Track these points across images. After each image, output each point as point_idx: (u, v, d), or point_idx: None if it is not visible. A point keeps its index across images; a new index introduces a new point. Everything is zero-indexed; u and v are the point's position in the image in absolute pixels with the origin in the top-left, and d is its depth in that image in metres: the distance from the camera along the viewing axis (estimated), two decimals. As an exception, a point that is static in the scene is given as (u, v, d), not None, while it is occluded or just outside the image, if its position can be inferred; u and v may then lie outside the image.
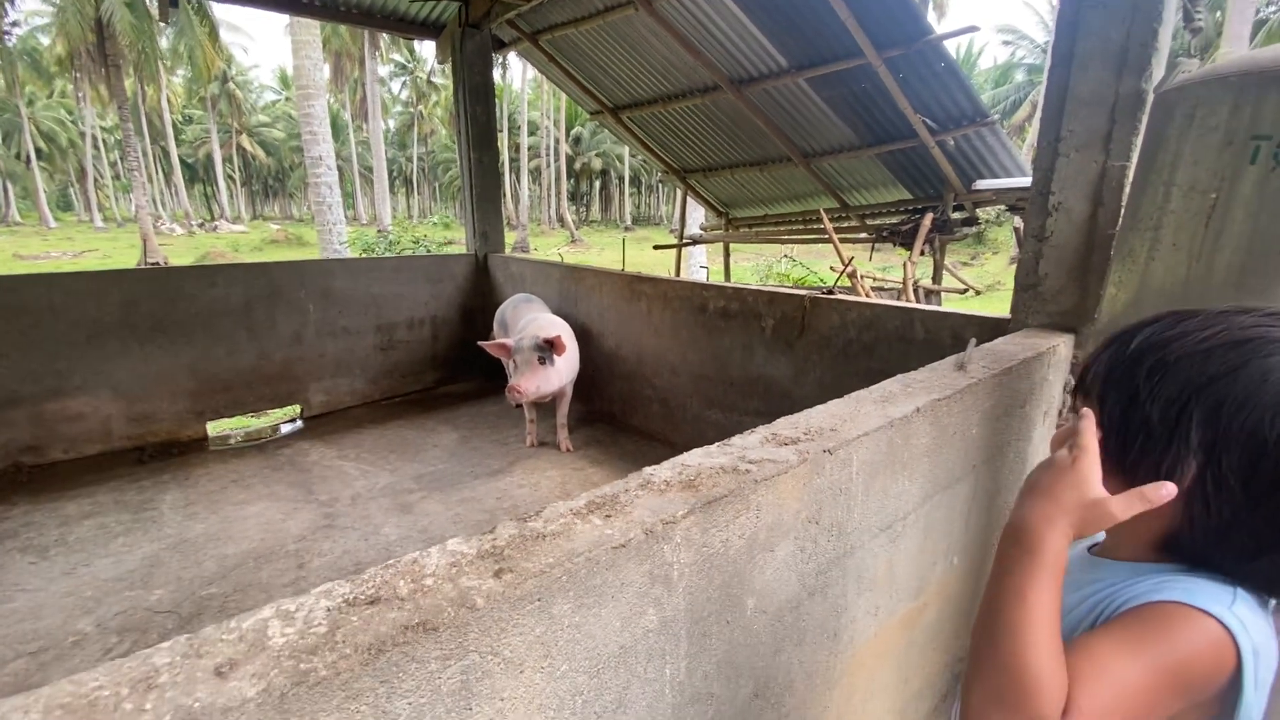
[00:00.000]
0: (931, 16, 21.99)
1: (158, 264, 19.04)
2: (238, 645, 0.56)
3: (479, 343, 3.52)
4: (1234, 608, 0.57)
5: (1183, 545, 0.62)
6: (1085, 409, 0.69)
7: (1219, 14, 16.12)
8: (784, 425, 1.13)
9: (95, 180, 40.85)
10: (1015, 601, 0.58)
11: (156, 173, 43.82)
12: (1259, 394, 0.57)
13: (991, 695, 0.56)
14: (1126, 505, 0.60)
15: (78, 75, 23.93)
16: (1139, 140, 1.69)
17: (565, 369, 3.53)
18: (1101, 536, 0.76)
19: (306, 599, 0.62)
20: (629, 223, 43.95)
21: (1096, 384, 0.69)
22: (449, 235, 25.93)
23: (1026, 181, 4.11)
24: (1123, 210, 1.70)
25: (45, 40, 27.16)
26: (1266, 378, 0.57)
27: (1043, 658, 0.55)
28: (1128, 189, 1.72)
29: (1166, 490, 0.59)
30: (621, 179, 45.41)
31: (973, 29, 4.50)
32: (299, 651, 0.55)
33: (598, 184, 49.15)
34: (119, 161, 45.18)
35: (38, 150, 36.87)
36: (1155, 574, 0.63)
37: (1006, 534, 0.65)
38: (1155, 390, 0.62)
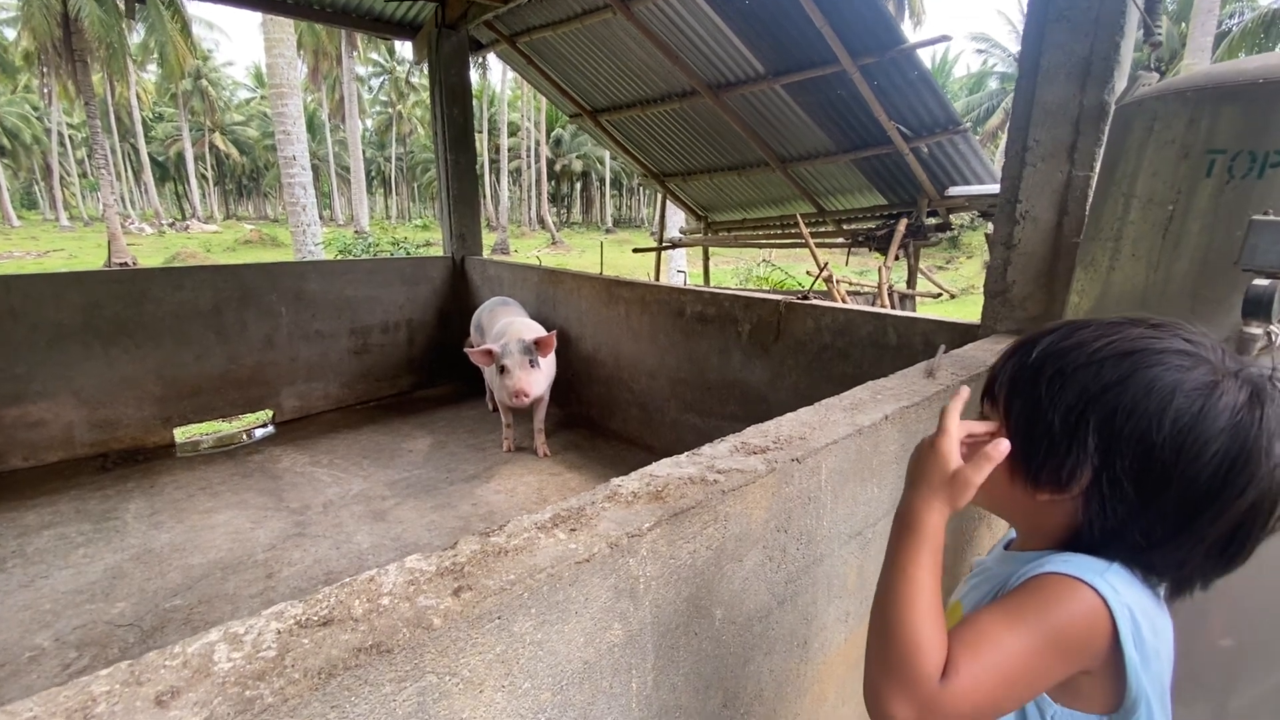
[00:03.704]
0: (908, 23, 22.28)
1: (125, 264, 18.57)
2: (181, 671, 0.54)
3: (465, 349, 3.50)
4: (1106, 575, 0.61)
5: (1083, 541, 0.67)
6: (963, 387, 0.75)
7: (1183, 25, 16.61)
8: (753, 434, 1.13)
9: (61, 178, 39.71)
10: (898, 576, 0.63)
11: (125, 171, 42.73)
12: (1145, 402, 0.61)
13: (879, 661, 0.61)
14: (976, 468, 0.64)
15: (44, 70, 23.23)
16: (1102, 151, 1.73)
17: (548, 370, 3.55)
18: (1013, 535, 0.81)
19: (257, 621, 0.61)
20: (610, 225, 43.90)
21: (1003, 392, 0.73)
22: (427, 236, 25.66)
23: (998, 188, 4.18)
24: (1086, 219, 1.73)
25: (10, 34, 26.36)
26: (1151, 387, 0.61)
27: (922, 623, 0.59)
28: (1091, 198, 1.76)
29: (1003, 448, 0.64)
30: (603, 181, 45.32)
31: (945, 38, 4.57)
32: (245, 677, 0.53)
33: (579, 186, 49.03)
34: (86, 159, 43.96)
35: (0, 147, 35.76)
36: (1045, 555, 0.68)
37: (894, 521, 0.70)
38: (1055, 398, 0.66)
